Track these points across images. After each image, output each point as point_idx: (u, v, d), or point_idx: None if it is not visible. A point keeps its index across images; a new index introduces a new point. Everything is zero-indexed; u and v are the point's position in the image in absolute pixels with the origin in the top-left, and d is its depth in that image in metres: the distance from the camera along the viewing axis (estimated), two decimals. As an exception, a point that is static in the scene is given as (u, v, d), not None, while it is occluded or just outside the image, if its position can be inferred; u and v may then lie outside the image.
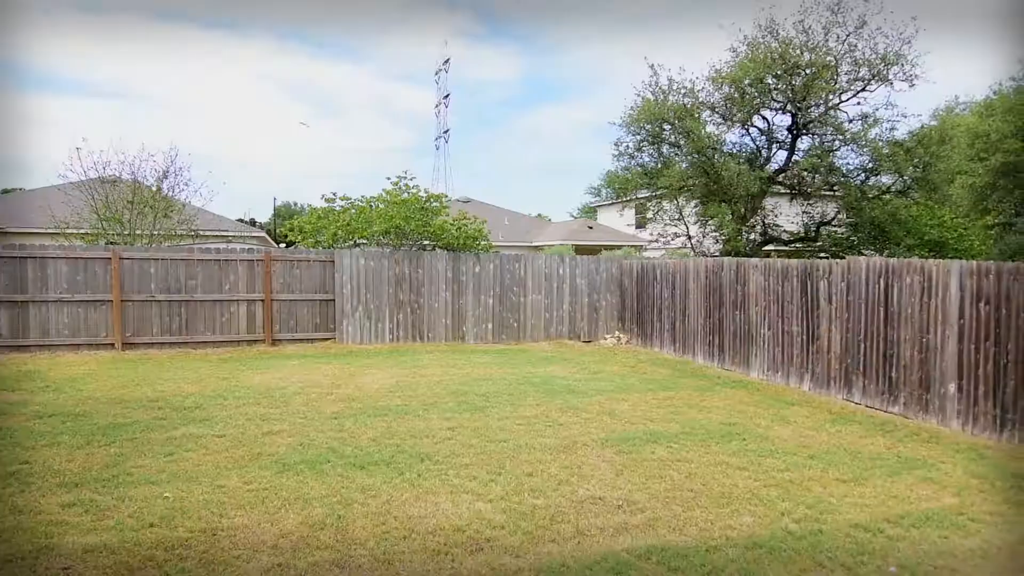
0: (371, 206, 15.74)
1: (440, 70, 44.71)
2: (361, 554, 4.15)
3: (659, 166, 17.91)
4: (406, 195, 15.50)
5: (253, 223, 44.12)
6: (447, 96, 44.86)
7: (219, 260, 13.39)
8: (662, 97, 16.90)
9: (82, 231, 16.51)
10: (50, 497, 4.98)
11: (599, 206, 42.76)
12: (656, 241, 19.67)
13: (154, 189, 17.29)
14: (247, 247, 15.47)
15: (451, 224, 16.02)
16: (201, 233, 19.47)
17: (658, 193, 18.41)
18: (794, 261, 10.21)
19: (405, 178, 15.90)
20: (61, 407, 7.91)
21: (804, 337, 9.88)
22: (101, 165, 17.03)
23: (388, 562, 4.06)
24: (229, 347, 13.26)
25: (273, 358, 12.24)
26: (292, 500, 5.01)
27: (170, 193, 17.65)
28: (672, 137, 17.33)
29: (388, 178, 15.87)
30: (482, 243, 16.35)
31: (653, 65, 17.06)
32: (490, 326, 14.92)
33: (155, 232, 16.65)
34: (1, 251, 12.24)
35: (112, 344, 12.62)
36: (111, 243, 15.13)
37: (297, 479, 5.49)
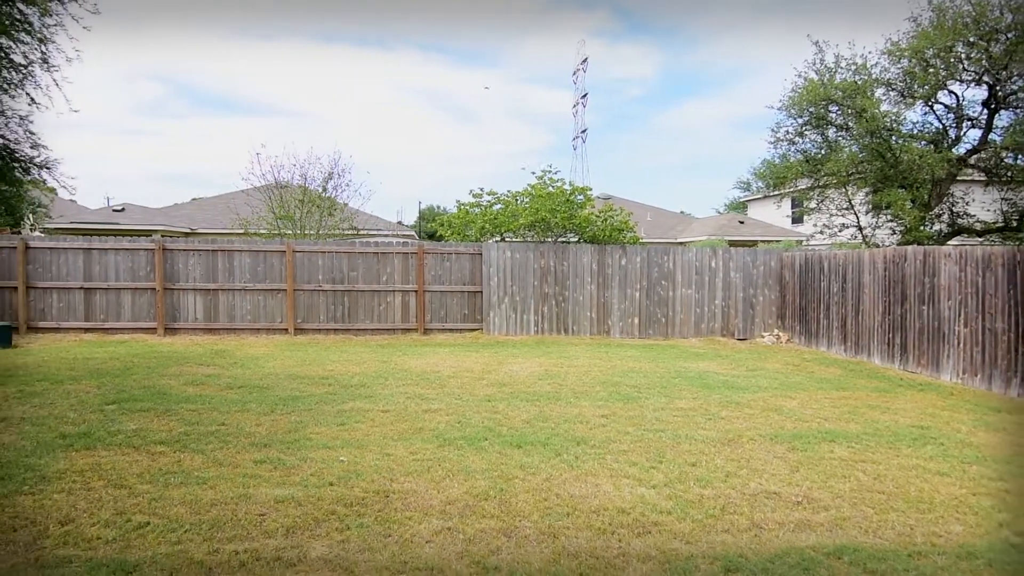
0: (516, 200, 15.97)
1: (577, 70, 44.49)
2: (526, 526, 4.11)
3: (823, 152, 16.43)
4: (551, 189, 15.55)
5: (400, 224, 46.62)
6: (585, 96, 44.54)
7: (377, 253, 14.23)
8: (828, 76, 15.46)
9: (261, 232, 18.37)
10: (244, 454, 5.48)
11: (750, 200, 40.31)
12: (821, 232, 18.01)
13: (320, 190, 18.91)
14: (402, 241, 16.32)
15: (596, 216, 15.84)
16: (360, 231, 20.93)
17: (822, 182, 16.89)
18: (999, 248, 8.87)
19: (550, 172, 15.98)
20: (248, 380, 8.77)
21: (1012, 335, 8.54)
22: (276, 169, 18.91)
23: (553, 536, 3.98)
24: (385, 334, 14.05)
25: (425, 345, 12.78)
26: (455, 471, 5.11)
27: (334, 193, 19.22)
28: (840, 119, 15.82)
29: (533, 172, 16.09)
30: (628, 235, 15.98)
31: (818, 42, 15.66)
32: (636, 320, 14.54)
33: (321, 230, 18.16)
34: (198, 245, 13.89)
35: (286, 329, 13.86)
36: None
37: (458, 453, 5.60)
